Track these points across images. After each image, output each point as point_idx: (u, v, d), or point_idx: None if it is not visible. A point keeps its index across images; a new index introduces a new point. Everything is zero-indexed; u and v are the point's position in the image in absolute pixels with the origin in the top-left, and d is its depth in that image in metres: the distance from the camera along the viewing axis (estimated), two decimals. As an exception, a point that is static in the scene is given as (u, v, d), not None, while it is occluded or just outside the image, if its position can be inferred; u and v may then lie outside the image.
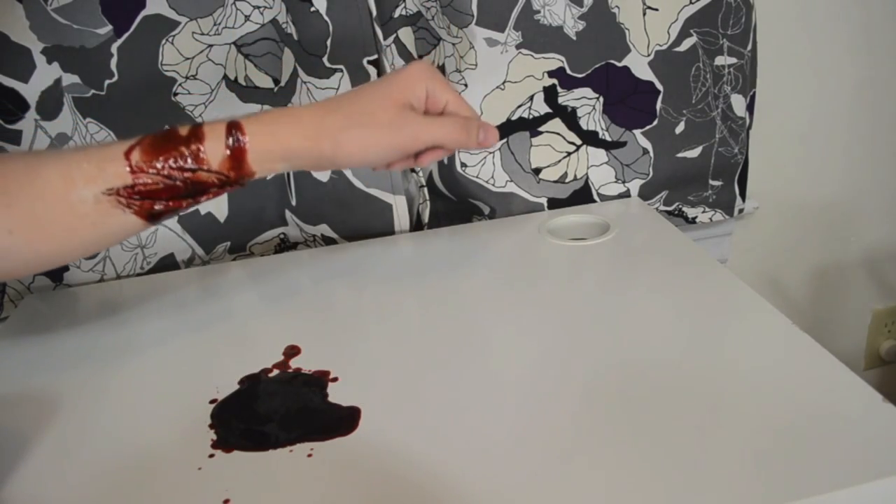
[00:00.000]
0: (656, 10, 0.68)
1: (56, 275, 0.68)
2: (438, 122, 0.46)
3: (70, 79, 0.61)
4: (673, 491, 0.36)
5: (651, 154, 0.75)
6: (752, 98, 0.75)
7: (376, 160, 0.46)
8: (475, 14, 0.65)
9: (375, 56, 0.64)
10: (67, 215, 0.40)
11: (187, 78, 0.63)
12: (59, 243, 0.41)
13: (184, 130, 0.42)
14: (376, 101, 0.45)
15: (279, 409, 0.46)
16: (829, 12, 0.82)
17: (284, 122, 0.43)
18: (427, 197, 0.73)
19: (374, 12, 0.63)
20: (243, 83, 0.65)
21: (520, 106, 0.71)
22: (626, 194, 0.76)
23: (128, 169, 0.40)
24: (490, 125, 0.49)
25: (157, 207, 0.42)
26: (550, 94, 0.71)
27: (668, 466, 0.38)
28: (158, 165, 0.41)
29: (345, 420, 0.44)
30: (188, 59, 0.63)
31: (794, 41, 0.82)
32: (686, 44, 0.70)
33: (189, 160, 0.41)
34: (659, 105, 0.73)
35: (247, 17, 0.63)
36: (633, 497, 0.36)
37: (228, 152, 0.42)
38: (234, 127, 0.42)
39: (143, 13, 0.60)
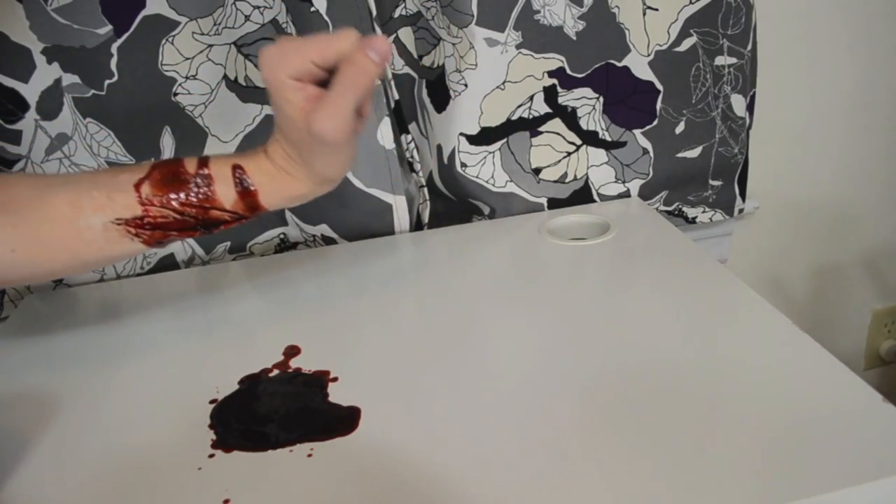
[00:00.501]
0: (656, 10, 0.68)
1: (56, 275, 0.68)
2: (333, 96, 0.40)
3: (70, 79, 0.61)
4: (673, 491, 0.36)
5: (651, 154, 0.75)
6: (752, 98, 0.75)
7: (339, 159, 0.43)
8: (475, 14, 0.65)
9: (375, 56, 0.64)
10: (73, 240, 0.40)
11: (187, 78, 0.63)
12: (62, 263, 0.42)
13: (191, 165, 0.42)
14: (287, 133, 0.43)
15: (279, 409, 0.46)
16: (829, 12, 0.82)
17: (285, 171, 0.43)
18: (427, 197, 0.73)
19: (374, 12, 0.63)
20: (243, 83, 0.65)
21: (520, 106, 0.71)
22: (626, 194, 0.76)
23: (137, 201, 0.40)
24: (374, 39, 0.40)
25: (168, 238, 0.42)
26: (550, 94, 0.71)
27: (667, 466, 0.38)
28: (170, 201, 0.41)
29: (345, 420, 0.44)
30: (188, 59, 0.63)
31: (794, 41, 0.82)
32: (686, 44, 0.70)
33: (202, 198, 0.41)
34: (659, 105, 0.73)
35: (247, 17, 0.63)
36: (634, 497, 0.36)
37: (239, 196, 0.42)
38: (236, 169, 0.42)
39: (143, 13, 0.60)
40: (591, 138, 0.74)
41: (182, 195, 0.41)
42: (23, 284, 0.44)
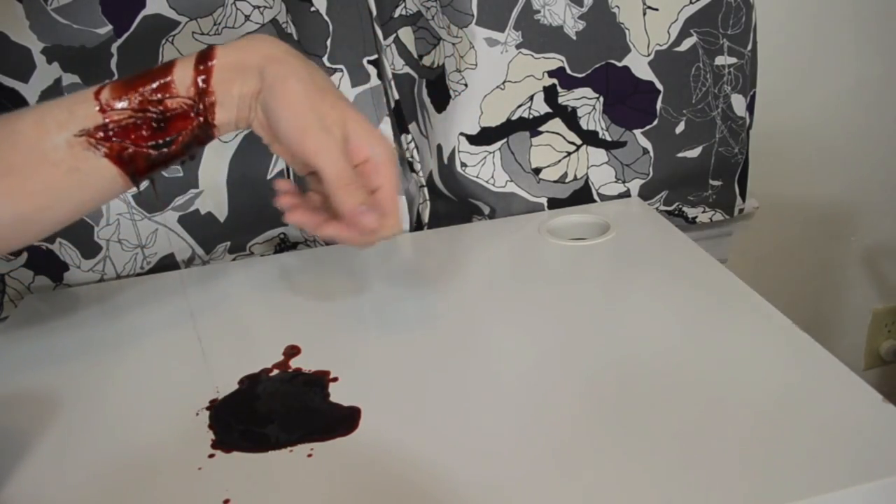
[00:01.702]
0: (656, 9, 0.68)
1: (56, 275, 0.68)
2: (344, 161, 0.44)
3: (70, 79, 0.61)
4: (672, 490, 0.36)
5: (651, 154, 0.75)
6: (752, 98, 0.75)
7: (290, 130, 0.43)
8: (475, 14, 0.65)
9: (375, 56, 0.64)
10: (43, 164, 0.40)
11: (187, 78, 0.63)
12: (40, 199, 0.41)
13: (158, 65, 0.42)
14: (337, 101, 0.44)
15: (279, 410, 0.46)
16: (829, 12, 0.82)
17: (254, 44, 0.43)
18: (427, 197, 0.73)
19: (374, 12, 0.63)
20: (243, 83, 0.65)
21: (520, 106, 0.71)
22: (626, 194, 0.76)
23: (97, 108, 0.40)
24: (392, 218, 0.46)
25: (128, 150, 0.41)
26: (550, 94, 0.71)
27: (667, 465, 0.38)
28: (128, 99, 0.40)
29: (345, 420, 0.44)
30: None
31: (794, 41, 0.82)
32: (686, 44, 0.70)
33: (157, 88, 0.41)
34: (659, 105, 0.73)
35: (247, 17, 0.63)
36: (634, 497, 0.36)
37: (194, 73, 0.41)
38: (206, 51, 0.42)
39: (143, 13, 0.60)
40: (591, 138, 0.74)
41: (141, 92, 0.41)
42: (15, 244, 0.43)
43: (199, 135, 0.43)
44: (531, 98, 0.71)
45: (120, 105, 0.40)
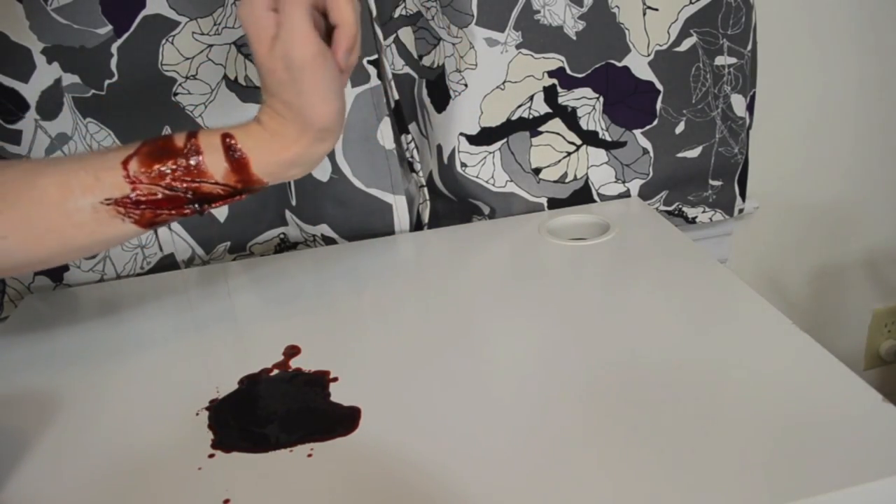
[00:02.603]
0: (656, 10, 0.68)
1: (56, 275, 0.68)
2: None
3: (70, 79, 0.61)
4: (672, 490, 0.36)
5: (651, 154, 0.75)
6: (752, 98, 0.75)
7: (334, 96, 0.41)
8: (475, 14, 0.65)
9: (375, 56, 0.64)
10: (64, 224, 0.39)
11: (187, 78, 0.63)
12: (55, 249, 0.41)
13: (179, 140, 0.41)
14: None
15: (279, 410, 0.46)
16: (829, 12, 0.82)
17: (273, 135, 0.42)
18: (427, 197, 0.73)
19: (374, 12, 0.63)
20: (243, 83, 0.65)
21: (520, 106, 0.71)
22: (626, 194, 0.76)
23: (125, 178, 0.39)
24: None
25: (160, 216, 0.41)
26: (550, 94, 0.71)
27: (666, 466, 0.38)
28: (158, 175, 0.40)
29: (345, 420, 0.44)
30: (188, 59, 0.63)
31: (794, 41, 0.82)
32: (686, 44, 0.70)
33: (192, 176, 0.40)
34: (659, 105, 0.73)
35: (247, 17, 0.63)
36: (633, 496, 0.36)
37: (229, 165, 0.41)
38: (226, 138, 0.41)
39: (143, 13, 0.60)
40: (591, 138, 0.74)
41: (170, 168, 0.40)
42: (20, 273, 0.43)
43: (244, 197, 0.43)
44: (531, 98, 0.71)
45: (149, 180, 0.40)
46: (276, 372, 0.50)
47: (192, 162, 0.40)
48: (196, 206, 0.42)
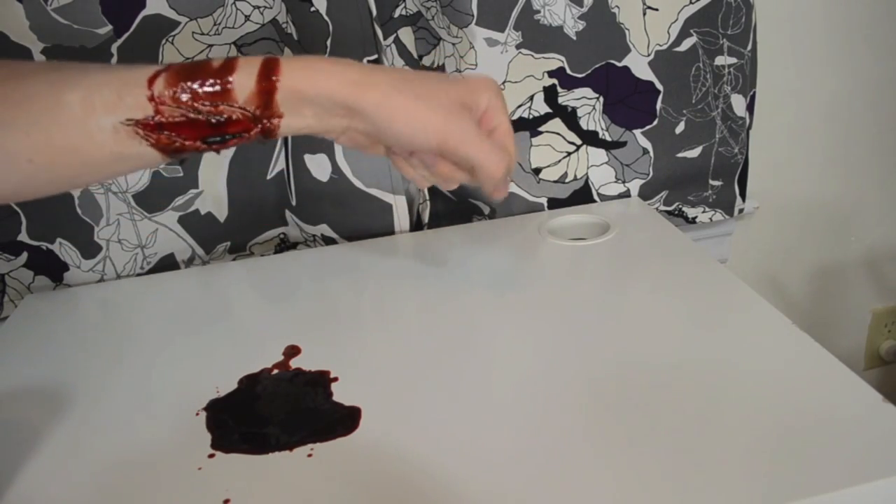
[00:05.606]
0: (656, 10, 0.68)
1: (56, 275, 0.68)
2: (489, 143, 0.43)
3: (70, 79, 0.61)
4: (672, 490, 0.36)
5: (651, 154, 0.75)
6: (752, 98, 0.75)
7: (416, 139, 0.41)
8: (475, 14, 0.65)
9: (375, 56, 0.64)
10: (86, 144, 0.38)
11: (187, 78, 0.63)
12: (76, 169, 0.39)
13: (217, 62, 0.39)
14: (440, 85, 0.42)
15: (279, 410, 0.46)
16: (829, 12, 0.82)
17: (328, 67, 0.40)
18: (427, 197, 0.73)
19: (374, 12, 0.63)
20: (243, 83, 0.65)
21: (520, 106, 0.71)
22: (626, 194, 0.76)
23: (149, 98, 0.38)
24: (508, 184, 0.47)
25: (176, 144, 0.39)
26: (550, 94, 0.71)
27: (666, 466, 0.38)
28: (182, 95, 0.38)
29: (345, 420, 0.44)
30: (188, 59, 0.63)
31: (794, 41, 0.82)
32: (686, 44, 0.70)
33: (215, 92, 0.38)
34: (659, 105, 0.73)
35: (247, 17, 0.63)
36: (633, 497, 0.36)
37: (257, 87, 0.39)
38: (270, 62, 0.39)
39: (143, 13, 0.60)
40: (591, 138, 0.74)
41: (196, 85, 0.38)
42: (39, 197, 0.42)
43: (258, 139, 0.41)
44: (531, 98, 0.71)
45: (173, 101, 0.38)
46: (276, 372, 0.50)
47: (220, 81, 0.39)
48: (215, 137, 0.40)
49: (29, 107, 0.38)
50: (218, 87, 0.39)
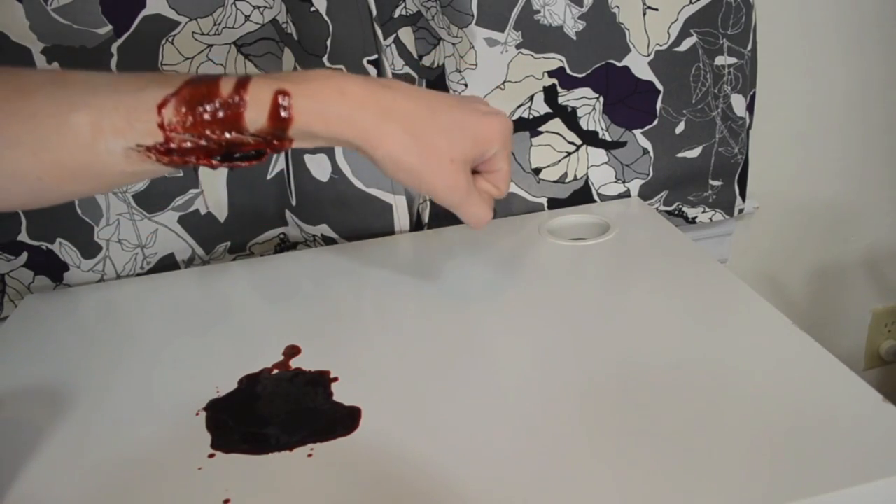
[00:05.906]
0: (656, 10, 0.68)
1: (56, 275, 0.68)
2: (476, 200, 0.47)
3: (70, 79, 0.61)
4: (672, 490, 0.36)
5: (651, 154, 0.75)
6: (752, 98, 0.75)
7: (412, 186, 0.44)
8: (475, 14, 0.65)
9: (375, 56, 0.64)
10: (95, 164, 0.38)
11: (187, 78, 0.63)
12: (88, 186, 0.40)
13: (226, 86, 0.38)
14: (453, 131, 0.44)
15: (279, 410, 0.46)
16: (829, 12, 0.82)
17: (343, 112, 0.40)
18: (427, 197, 0.73)
19: (374, 12, 0.63)
20: (243, 83, 0.65)
21: (520, 106, 0.71)
22: (626, 194, 0.76)
23: (159, 126, 0.38)
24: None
25: (187, 163, 0.39)
26: (550, 94, 0.71)
27: (667, 466, 0.38)
28: (193, 125, 0.38)
29: (345, 420, 0.44)
30: (188, 59, 0.63)
31: (793, 41, 0.82)
32: (686, 44, 0.70)
33: (226, 120, 0.38)
34: (659, 105, 0.73)
35: (247, 17, 0.63)
36: (633, 497, 0.36)
37: (269, 123, 0.39)
38: (282, 95, 0.39)
39: (143, 13, 0.60)
40: (591, 138, 0.74)
41: (207, 116, 0.38)
42: (55, 204, 0.42)
43: (270, 154, 0.42)
44: (531, 98, 0.71)
45: (184, 129, 0.38)
46: (276, 372, 0.50)
47: (231, 113, 0.38)
48: (220, 159, 0.40)
49: (35, 126, 0.37)
50: (229, 115, 0.38)
